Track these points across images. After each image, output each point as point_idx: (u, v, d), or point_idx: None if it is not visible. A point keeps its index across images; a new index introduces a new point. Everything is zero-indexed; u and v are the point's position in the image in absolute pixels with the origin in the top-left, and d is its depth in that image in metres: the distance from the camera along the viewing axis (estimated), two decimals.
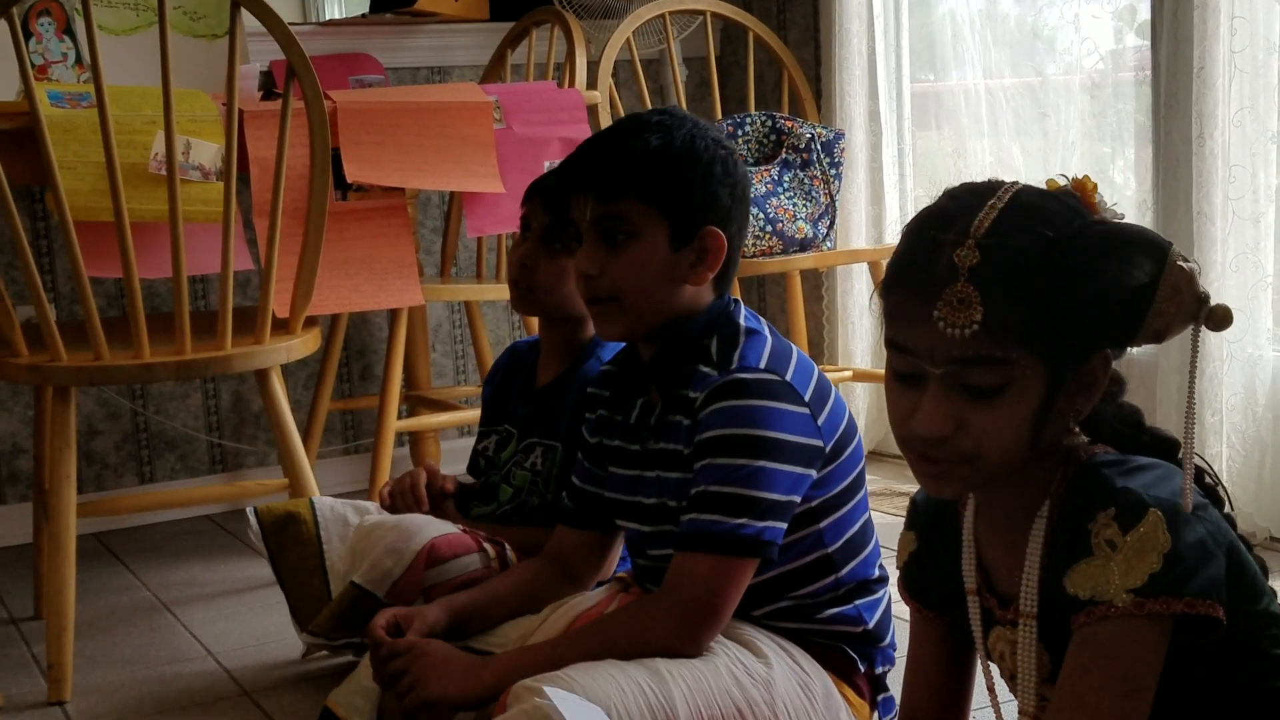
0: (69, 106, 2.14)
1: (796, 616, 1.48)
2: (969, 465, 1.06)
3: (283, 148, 2.06)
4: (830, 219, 2.91)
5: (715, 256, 1.47)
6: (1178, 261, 1.02)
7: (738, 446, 1.39)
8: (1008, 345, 1.02)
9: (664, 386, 1.49)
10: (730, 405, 1.40)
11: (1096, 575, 1.03)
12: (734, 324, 1.47)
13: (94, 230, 2.14)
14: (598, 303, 1.48)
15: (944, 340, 1.03)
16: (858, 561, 1.50)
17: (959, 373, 1.03)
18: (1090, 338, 1.04)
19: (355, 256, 2.44)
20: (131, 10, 2.67)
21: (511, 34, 3.14)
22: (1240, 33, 2.28)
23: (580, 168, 1.47)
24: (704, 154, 1.45)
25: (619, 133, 1.47)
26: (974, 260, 1.02)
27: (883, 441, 3.26)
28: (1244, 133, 2.31)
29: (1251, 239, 2.33)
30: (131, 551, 2.84)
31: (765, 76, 3.39)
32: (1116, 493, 1.04)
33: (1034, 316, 1.02)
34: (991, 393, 1.03)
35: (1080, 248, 1.02)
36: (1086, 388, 1.07)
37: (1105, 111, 2.72)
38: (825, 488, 1.45)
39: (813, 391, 1.44)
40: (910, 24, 3.09)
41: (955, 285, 1.02)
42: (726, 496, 1.38)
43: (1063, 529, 1.08)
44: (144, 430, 3.06)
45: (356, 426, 3.28)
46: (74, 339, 2.10)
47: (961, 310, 1.02)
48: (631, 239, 1.45)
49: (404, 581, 1.65)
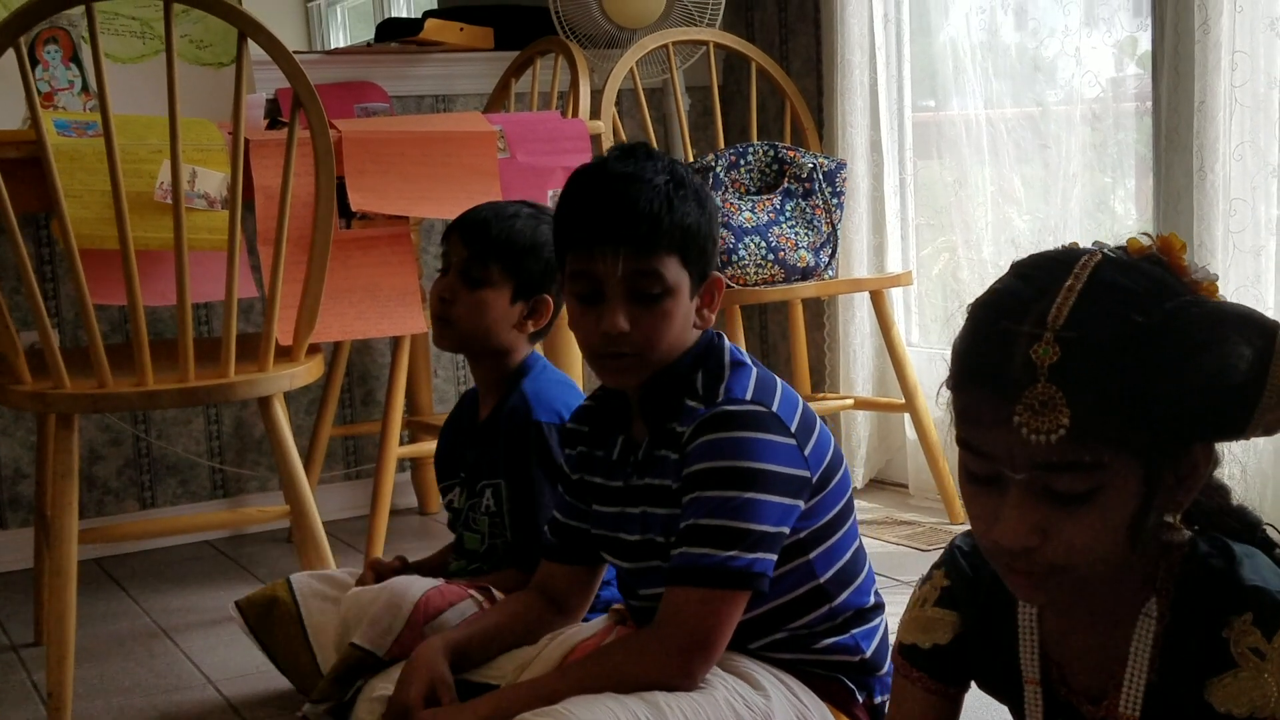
0: (75, 135, 2.15)
1: (793, 647, 1.48)
2: (1063, 575, 0.97)
3: (288, 176, 2.07)
4: (832, 248, 2.92)
5: (715, 299, 1.48)
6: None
7: (726, 479, 1.38)
8: (1098, 449, 0.92)
9: (651, 422, 1.48)
10: (717, 438, 1.40)
11: (1249, 688, 0.96)
12: (720, 358, 1.47)
13: (99, 257, 2.15)
14: (619, 357, 1.45)
15: (1026, 446, 0.92)
16: (851, 590, 1.50)
17: (1043, 478, 0.94)
18: (1190, 434, 0.95)
19: (359, 284, 2.45)
20: (138, 38, 2.69)
21: (516, 63, 3.16)
22: (1241, 67, 2.30)
23: (609, 222, 1.41)
24: (707, 201, 1.46)
25: (631, 184, 1.41)
26: (1054, 357, 0.91)
27: (884, 469, 3.26)
28: (1245, 166, 2.32)
29: (1252, 272, 2.33)
30: (132, 577, 2.84)
31: (767, 106, 3.41)
32: (1250, 593, 0.97)
33: (1127, 417, 0.92)
34: (1080, 499, 0.94)
35: (1175, 336, 0.92)
36: (1186, 479, 0.98)
37: (1106, 142, 2.73)
38: (813, 519, 1.45)
39: (798, 422, 1.44)
40: (911, 54, 3.11)
41: (1036, 387, 0.91)
42: (716, 529, 1.38)
43: (1182, 633, 1.00)
44: (146, 455, 3.06)
45: (358, 452, 3.28)
46: (77, 365, 2.11)
47: (1045, 415, 0.91)
48: (666, 295, 1.43)
49: (404, 637, 1.65)
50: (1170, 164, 2.42)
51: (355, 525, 3.09)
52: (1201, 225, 2.34)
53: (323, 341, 2.41)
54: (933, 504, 2.99)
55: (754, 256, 2.80)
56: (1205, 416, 0.94)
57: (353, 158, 2.37)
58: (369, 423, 3.17)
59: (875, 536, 2.82)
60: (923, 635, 1.16)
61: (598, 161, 1.49)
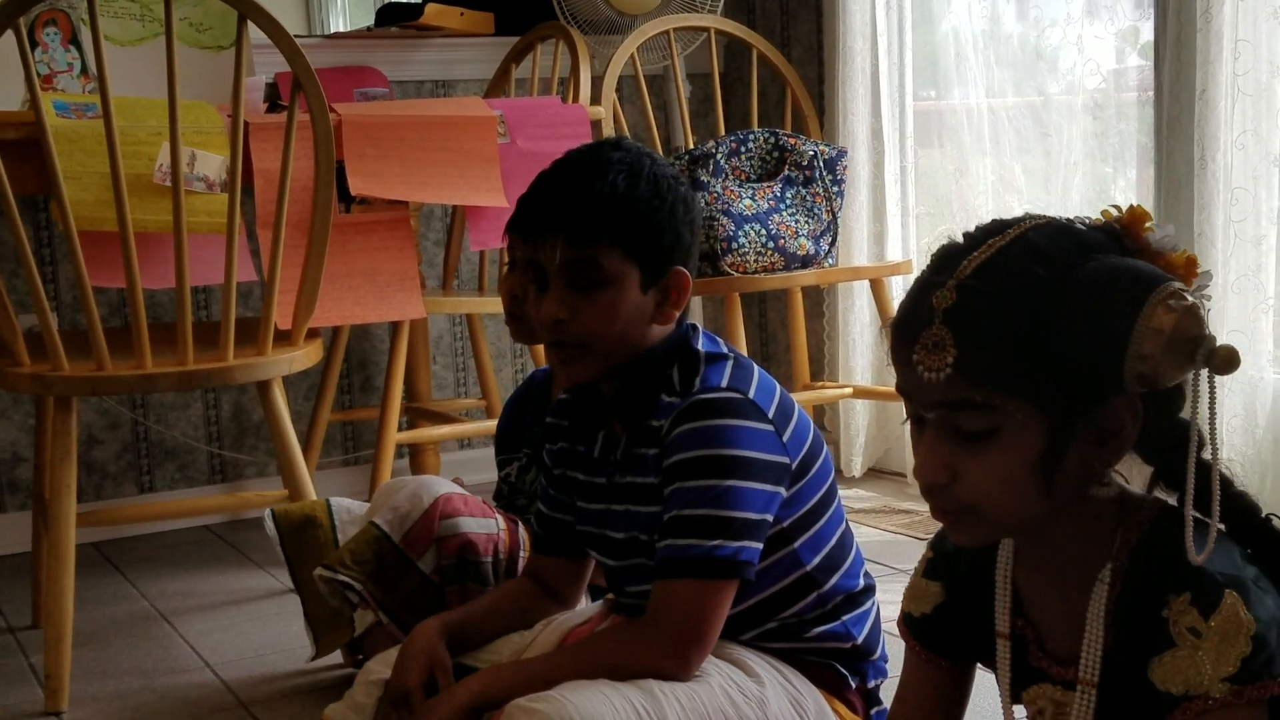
0: (74, 117, 2.15)
1: (785, 637, 1.48)
2: (975, 515, 1.02)
3: (287, 160, 2.07)
4: (832, 236, 2.91)
5: (680, 295, 1.45)
6: (1166, 300, 0.97)
7: (706, 467, 1.38)
8: (988, 390, 0.98)
9: (629, 420, 1.47)
10: (695, 427, 1.39)
11: (1186, 667, 0.98)
12: (693, 350, 1.46)
13: (97, 240, 2.15)
14: (564, 347, 1.44)
15: (923, 384, 1.00)
16: (840, 574, 1.49)
17: (948, 417, 1.00)
18: (1076, 385, 0.98)
19: (358, 269, 2.44)
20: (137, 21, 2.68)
21: (516, 48, 3.15)
22: (1244, 55, 2.29)
23: (548, 210, 1.43)
24: (668, 194, 1.42)
25: (582, 172, 1.43)
26: (949, 302, 0.99)
27: (882, 459, 3.26)
28: (1246, 155, 2.32)
29: (1253, 261, 2.33)
30: (130, 561, 2.84)
31: (768, 93, 3.40)
32: (1189, 574, 0.99)
33: (1010, 361, 0.98)
34: (982, 438, 1.00)
35: (1067, 289, 0.98)
36: (1110, 436, 1.01)
37: (1107, 132, 2.72)
38: (795, 506, 1.44)
39: (776, 408, 1.43)
40: (913, 42, 3.10)
41: (931, 328, 1.00)
42: (699, 519, 1.37)
43: (1129, 605, 1.04)
44: (144, 440, 3.06)
45: (356, 438, 3.28)
46: (76, 348, 2.11)
47: (935, 354, 0.99)
48: (603, 285, 1.41)
49: (418, 527, 1.66)
50: (1171, 153, 2.42)
51: None
52: (1202, 214, 2.34)
53: (322, 326, 2.40)
54: None
55: (754, 244, 2.80)
56: (1081, 366, 0.98)
57: (352, 142, 2.37)
58: (368, 408, 3.17)
59: (873, 525, 2.82)
60: (914, 604, 1.21)
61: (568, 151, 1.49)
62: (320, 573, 1.69)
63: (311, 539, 1.86)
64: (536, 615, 1.56)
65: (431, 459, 3.23)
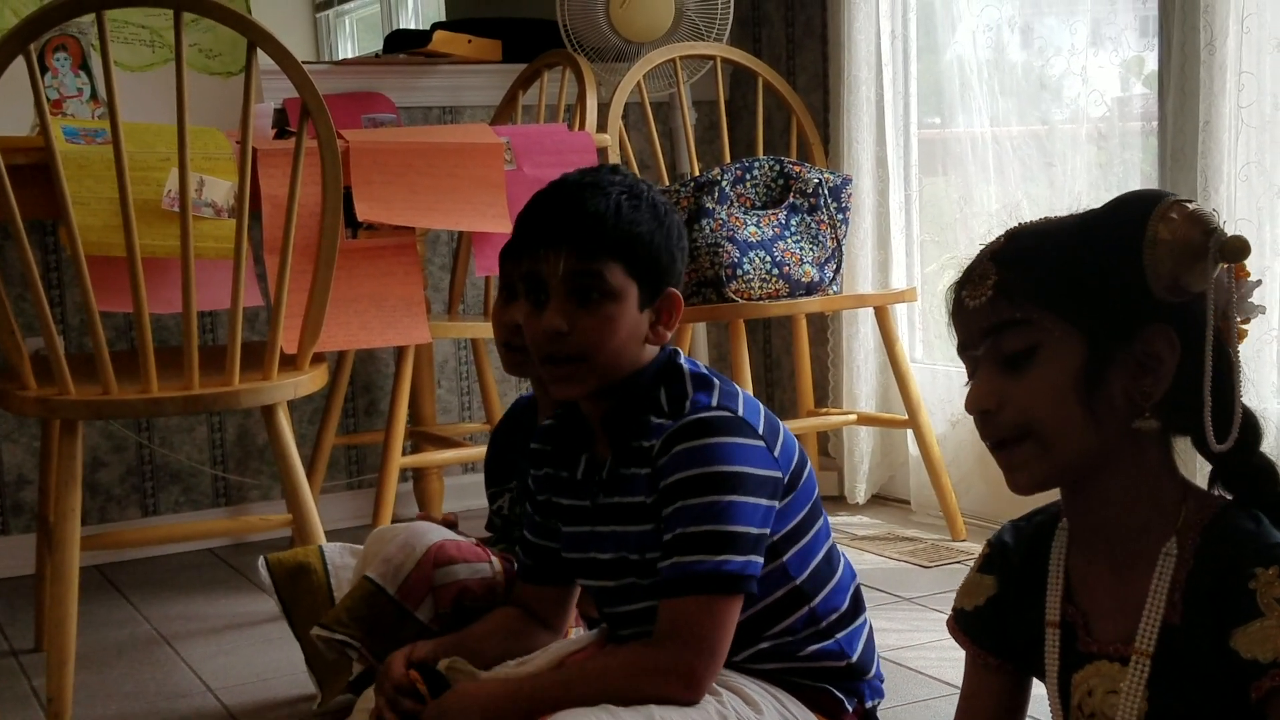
0: (84, 142, 2.16)
1: (778, 657, 1.49)
2: (1029, 445, 1.09)
3: (295, 186, 2.08)
4: (836, 263, 2.92)
5: (672, 316, 1.48)
6: (1173, 205, 1.06)
7: (706, 485, 1.40)
8: (1026, 307, 1.08)
9: (617, 440, 1.49)
10: (691, 446, 1.41)
11: (1275, 635, 1.02)
12: (680, 372, 1.48)
13: (105, 265, 2.16)
14: (561, 362, 1.45)
15: (971, 315, 1.10)
16: (829, 590, 1.50)
17: (994, 345, 1.09)
18: (1108, 303, 1.07)
19: (364, 294, 2.45)
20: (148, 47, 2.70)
21: (523, 75, 3.17)
22: (1247, 88, 2.30)
23: (554, 223, 1.45)
24: (665, 217, 1.47)
25: (585, 190, 1.46)
26: (999, 245, 1.12)
27: (886, 485, 3.26)
28: (1250, 187, 2.32)
29: (1257, 293, 2.33)
30: (133, 584, 2.84)
31: (774, 121, 3.42)
32: (1275, 549, 1.05)
33: (1046, 278, 1.08)
34: (1024, 359, 1.08)
35: (1092, 216, 1.10)
36: (1149, 369, 1.08)
37: (1112, 161, 2.73)
38: (784, 520, 1.46)
39: (764, 424, 1.46)
40: (918, 71, 3.12)
41: (980, 267, 1.11)
42: (704, 535, 1.39)
43: (1204, 579, 1.07)
44: (148, 463, 3.07)
45: (361, 462, 3.29)
46: (82, 372, 2.11)
47: (980, 284, 1.10)
48: (606, 299, 1.43)
49: (414, 578, 1.65)
50: (1175, 184, 2.42)
51: (358, 534, 3.08)
52: None
53: (327, 351, 2.41)
54: (935, 520, 2.98)
55: (759, 271, 2.80)
56: (1107, 276, 1.07)
57: (360, 168, 2.38)
58: (372, 432, 3.17)
59: (877, 552, 2.81)
60: (967, 598, 1.25)
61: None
62: (317, 632, 1.69)
63: (306, 585, 1.85)
64: (526, 643, 1.56)
65: (435, 483, 3.23)
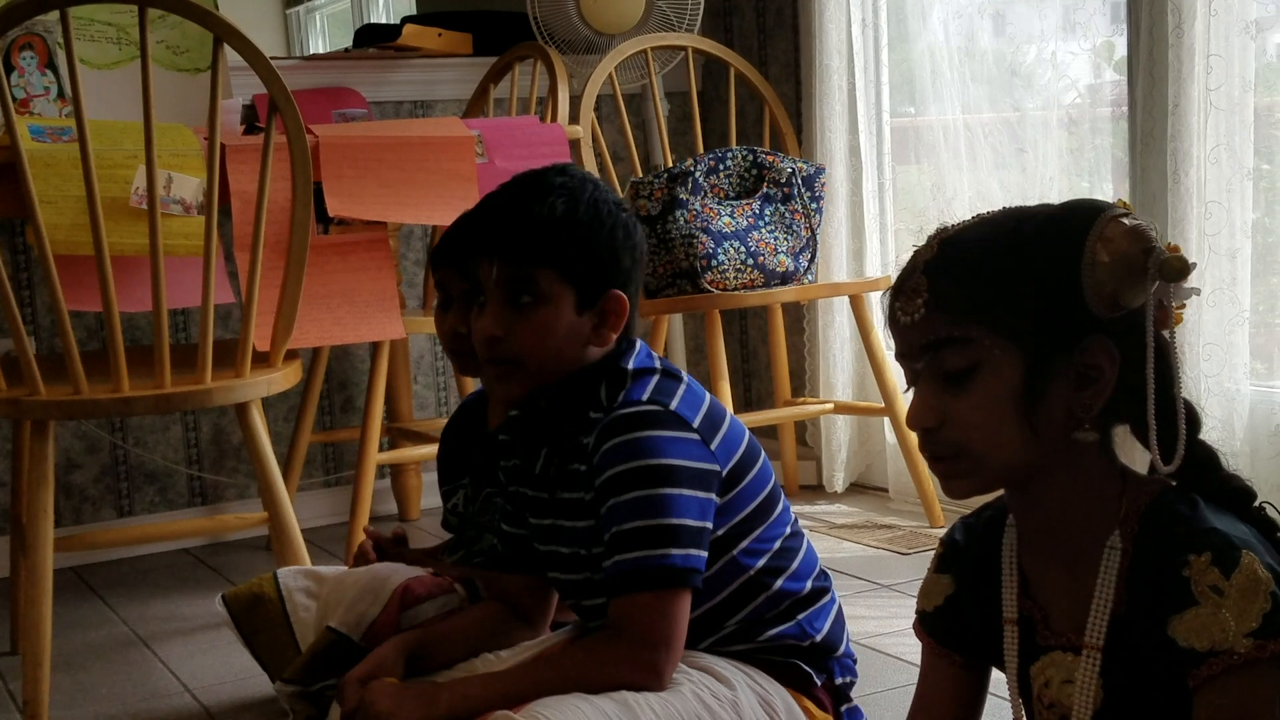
0: (50, 141, 2.14)
1: (741, 639, 1.50)
2: (968, 461, 1.07)
3: (264, 182, 2.07)
4: (811, 252, 2.92)
5: (617, 319, 1.48)
6: (1114, 219, 1.03)
7: (636, 479, 1.40)
8: (964, 324, 1.05)
9: (558, 436, 1.50)
10: (619, 441, 1.41)
11: (1209, 624, 1.01)
12: (620, 368, 1.48)
13: (74, 264, 2.14)
14: (499, 364, 1.48)
15: (907, 331, 1.07)
16: (786, 577, 1.51)
17: (934, 361, 1.06)
18: (1046, 317, 1.04)
19: (336, 290, 2.44)
20: (114, 44, 2.68)
21: (495, 69, 3.16)
22: (1216, 70, 2.31)
23: (486, 230, 1.47)
24: (607, 219, 1.47)
25: (522, 194, 1.47)
26: (930, 254, 1.08)
27: (864, 474, 3.27)
28: (1220, 169, 2.33)
29: (1228, 274, 2.34)
30: (109, 586, 2.82)
31: (746, 111, 3.42)
32: (1208, 534, 1.03)
33: (981, 292, 1.05)
34: (964, 376, 1.06)
35: (1029, 226, 1.06)
36: (1089, 380, 1.06)
37: (1083, 147, 2.74)
38: (730, 514, 1.46)
39: (702, 418, 1.46)
40: (889, 60, 3.12)
41: (912, 279, 1.08)
42: (642, 530, 1.39)
43: (1144, 567, 1.07)
44: (123, 463, 3.05)
45: (337, 459, 3.27)
46: (53, 372, 2.10)
47: (912, 298, 1.07)
48: (538, 303, 1.45)
49: (380, 623, 1.64)
50: (1146, 168, 2.43)
51: (335, 532, 3.08)
52: (1177, 229, 2.35)
53: (301, 347, 2.40)
54: (913, 508, 2.99)
55: (733, 261, 2.80)
56: (1044, 289, 1.04)
57: (330, 163, 2.37)
58: (348, 429, 3.16)
59: (856, 540, 2.82)
60: (926, 599, 1.24)
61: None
62: (281, 688, 1.68)
63: (263, 615, 1.84)
64: (505, 637, 1.57)
65: (413, 479, 3.22)
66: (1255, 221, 2.38)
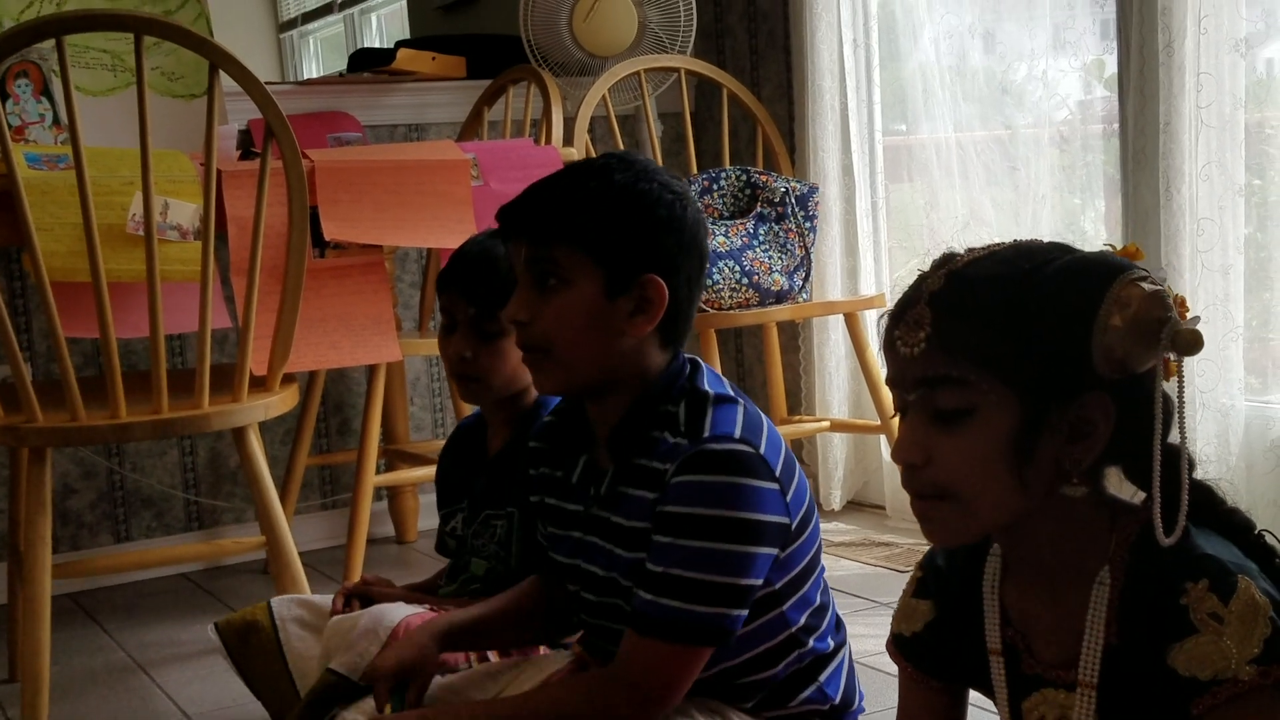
0: (46, 169, 2.15)
1: (774, 705, 1.44)
2: (950, 505, 1.04)
3: (260, 207, 2.07)
4: (805, 271, 2.93)
5: (655, 307, 1.36)
6: (1133, 281, 1.00)
7: (711, 529, 1.29)
8: (964, 366, 1.02)
9: (621, 453, 1.40)
10: (705, 481, 1.30)
11: (1211, 652, 0.99)
12: (701, 389, 1.38)
13: (71, 290, 2.14)
14: (529, 351, 1.40)
15: (904, 362, 1.04)
16: (816, 636, 1.45)
17: (928, 397, 1.03)
18: (1049, 368, 1.01)
19: (333, 314, 2.44)
20: (109, 71, 2.69)
21: (489, 91, 3.17)
22: (1206, 88, 2.32)
23: (514, 212, 1.40)
24: (645, 197, 1.35)
25: (561, 176, 1.40)
26: (937, 286, 1.04)
27: (861, 491, 3.27)
28: (1211, 186, 2.34)
29: (1221, 290, 2.35)
30: (107, 611, 2.82)
31: (740, 131, 3.43)
32: (1202, 561, 1.01)
33: (986, 337, 1.02)
34: (956, 417, 1.02)
35: (1042, 274, 1.02)
36: (1083, 434, 1.03)
37: (1075, 164, 2.75)
38: (788, 568, 1.38)
39: (782, 465, 1.35)
40: (881, 79, 3.14)
41: (915, 308, 1.04)
42: (697, 583, 1.30)
43: (1137, 598, 1.04)
44: (120, 488, 3.04)
45: (334, 481, 3.27)
46: (50, 399, 2.10)
47: (913, 330, 1.04)
48: (562, 285, 1.35)
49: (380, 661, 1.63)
50: (1138, 185, 2.44)
51: (333, 555, 3.08)
52: (1169, 245, 2.36)
53: (297, 371, 2.40)
54: (910, 525, 2.99)
55: (728, 281, 2.81)
56: (1052, 345, 1.01)
57: (326, 187, 2.38)
58: (345, 451, 3.16)
59: (853, 558, 2.82)
60: (905, 624, 1.21)
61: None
62: None
63: (257, 644, 1.83)
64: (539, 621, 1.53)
65: (410, 501, 3.22)
66: (1248, 237, 2.39)
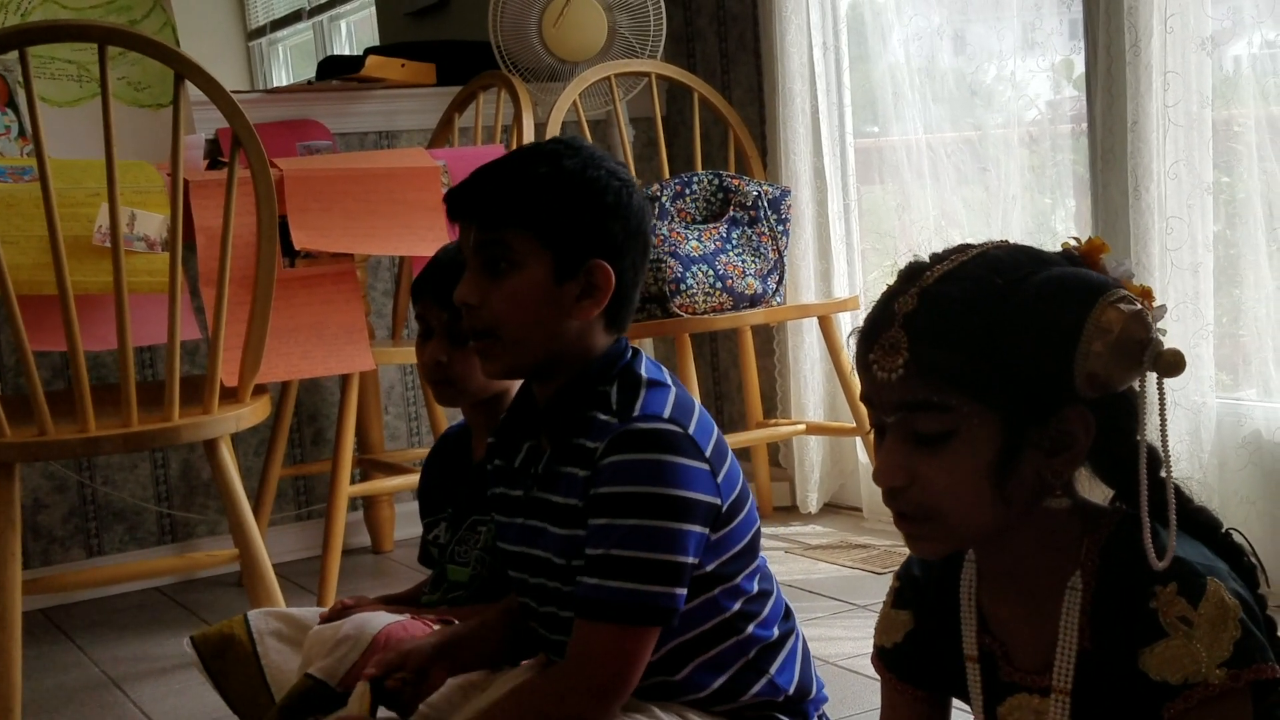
0: (11, 181, 2.13)
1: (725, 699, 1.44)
2: (933, 522, 1.04)
3: (229, 216, 2.06)
4: (779, 274, 2.93)
5: (602, 291, 1.38)
6: (1115, 302, 1.00)
7: (643, 506, 1.32)
8: (944, 391, 1.01)
9: (557, 433, 1.42)
10: (634, 459, 1.33)
11: (1181, 656, 0.99)
12: (635, 372, 1.40)
13: (37, 303, 2.13)
14: (477, 336, 1.41)
15: (882, 386, 1.03)
16: (756, 623, 1.45)
17: (907, 419, 1.02)
18: (1029, 388, 1.01)
19: (304, 323, 2.43)
20: (75, 81, 2.67)
21: (459, 98, 3.16)
22: (1173, 87, 2.33)
23: (465, 195, 1.41)
24: (594, 184, 1.38)
25: (508, 160, 1.41)
26: (910, 307, 1.03)
27: (838, 494, 3.27)
28: (1179, 184, 2.35)
29: (1191, 288, 2.36)
30: (80, 627, 2.79)
31: (711, 136, 3.43)
32: (1171, 565, 1.01)
33: (965, 361, 1.00)
34: (938, 440, 1.01)
35: (1020, 292, 1.01)
36: (1063, 447, 1.03)
37: (1044, 164, 2.77)
38: (718, 553, 1.39)
39: (713, 448, 1.38)
40: (851, 81, 3.14)
41: (890, 330, 1.03)
42: (634, 561, 1.31)
43: (1107, 603, 1.05)
44: (91, 502, 3.02)
45: (309, 492, 3.25)
46: (18, 413, 2.08)
47: (890, 354, 1.02)
48: (512, 269, 1.37)
49: (359, 668, 1.63)
50: (1107, 184, 2.45)
51: (308, 566, 3.06)
52: (1139, 244, 2.37)
53: (269, 382, 2.39)
54: (887, 527, 2.99)
55: (702, 285, 2.81)
56: (1033, 366, 1.01)
57: (295, 196, 2.36)
58: (319, 462, 3.14)
59: (830, 560, 2.82)
60: (886, 635, 1.22)
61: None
62: None
63: (233, 658, 1.82)
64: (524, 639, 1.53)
65: (386, 510, 3.20)
66: (1216, 234, 2.40)
